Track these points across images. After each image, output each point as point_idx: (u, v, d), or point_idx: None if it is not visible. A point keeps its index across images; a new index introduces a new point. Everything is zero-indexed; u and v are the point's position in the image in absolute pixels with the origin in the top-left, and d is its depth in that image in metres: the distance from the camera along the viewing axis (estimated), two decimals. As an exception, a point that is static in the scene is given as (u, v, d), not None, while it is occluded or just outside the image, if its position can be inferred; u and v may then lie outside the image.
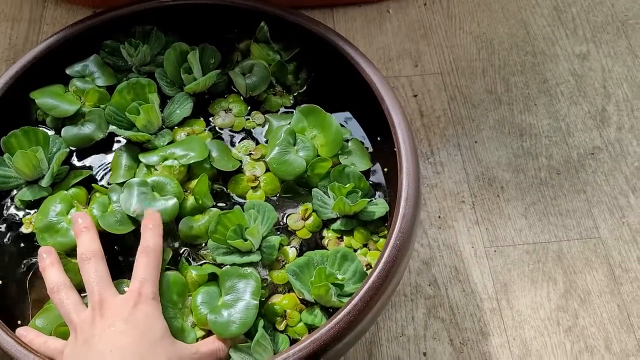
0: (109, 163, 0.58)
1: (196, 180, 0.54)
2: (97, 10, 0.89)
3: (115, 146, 0.60)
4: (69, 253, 0.51)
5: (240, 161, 0.58)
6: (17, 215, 0.55)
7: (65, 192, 0.54)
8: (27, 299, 0.51)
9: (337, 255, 0.52)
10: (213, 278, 0.51)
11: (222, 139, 0.60)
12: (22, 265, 0.53)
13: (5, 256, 0.54)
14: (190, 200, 0.53)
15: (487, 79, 0.84)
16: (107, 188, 0.55)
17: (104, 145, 0.59)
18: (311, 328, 0.51)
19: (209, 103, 0.62)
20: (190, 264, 0.53)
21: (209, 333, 0.49)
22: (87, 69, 0.61)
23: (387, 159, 0.59)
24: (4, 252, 0.54)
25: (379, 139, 0.60)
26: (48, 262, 0.48)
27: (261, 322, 0.48)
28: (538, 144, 0.78)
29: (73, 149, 0.59)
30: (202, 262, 0.53)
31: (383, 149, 0.60)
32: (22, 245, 0.54)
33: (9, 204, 0.56)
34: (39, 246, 0.51)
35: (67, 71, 0.61)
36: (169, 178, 0.53)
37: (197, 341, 0.48)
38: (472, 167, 0.77)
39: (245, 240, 0.50)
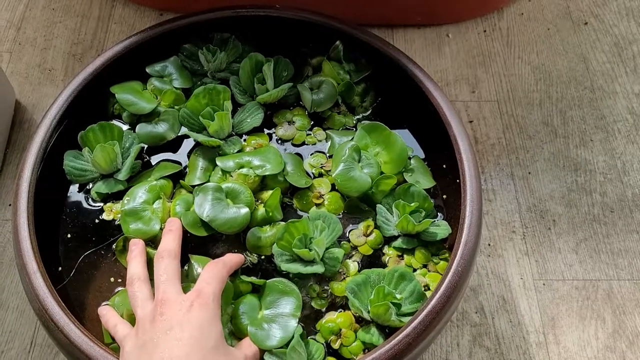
0: (176, 162, 0.60)
1: (269, 192, 0.55)
2: (163, 12, 0.91)
3: (183, 147, 0.61)
4: (146, 242, 0.53)
5: (311, 176, 0.59)
6: (94, 206, 0.57)
7: (155, 181, 0.56)
8: (74, 263, 0.55)
9: (394, 274, 0.53)
10: (255, 290, 0.52)
11: (300, 156, 0.61)
12: (91, 243, 0.56)
13: (80, 232, 0.56)
14: (261, 211, 0.54)
15: (544, 111, 0.84)
16: (192, 187, 0.56)
17: (173, 145, 0.61)
18: (367, 347, 0.51)
19: (274, 114, 0.63)
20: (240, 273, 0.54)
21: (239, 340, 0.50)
22: (166, 70, 0.63)
23: (448, 184, 0.60)
24: (82, 230, 0.57)
25: (444, 166, 0.60)
26: (133, 255, 0.50)
27: (298, 330, 0.49)
28: (592, 180, 0.78)
29: (144, 145, 0.60)
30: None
31: (446, 175, 0.60)
32: (96, 221, 0.57)
33: (85, 197, 0.57)
34: (113, 230, 0.54)
35: (147, 70, 0.63)
36: (243, 186, 0.54)
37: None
38: (525, 197, 0.77)
39: (310, 250, 0.51)
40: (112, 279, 0.54)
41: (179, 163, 0.59)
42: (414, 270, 0.55)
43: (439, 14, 0.92)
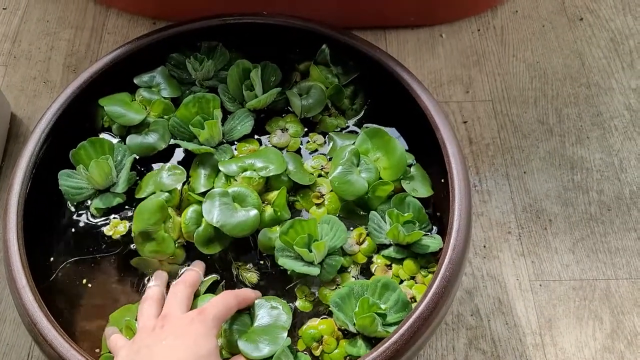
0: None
1: (275, 193, 0.55)
2: (156, 21, 0.92)
3: (175, 157, 0.61)
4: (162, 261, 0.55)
5: (313, 175, 0.59)
6: (94, 222, 0.57)
7: (162, 195, 0.55)
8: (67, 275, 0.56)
9: (377, 284, 0.52)
10: (245, 309, 0.52)
11: (300, 154, 0.61)
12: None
13: (73, 245, 0.57)
14: (269, 212, 0.55)
15: (539, 109, 0.83)
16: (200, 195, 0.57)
17: (165, 155, 0.61)
18: (353, 359, 0.51)
19: (265, 120, 0.63)
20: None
21: (231, 356, 0.50)
22: (153, 80, 0.63)
23: (445, 197, 0.59)
24: (75, 243, 0.57)
25: (442, 180, 0.58)
26: (155, 282, 0.53)
27: (287, 341, 0.49)
28: (589, 178, 0.77)
29: (136, 156, 0.60)
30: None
31: (442, 189, 0.59)
32: (91, 234, 0.57)
33: (83, 214, 0.58)
34: (107, 242, 0.56)
35: (135, 81, 0.63)
36: (249, 189, 0.54)
37: None
38: (520, 197, 0.76)
39: (310, 251, 0.51)
40: (104, 290, 0.54)
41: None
42: (401, 281, 0.54)
43: (432, 14, 0.91)
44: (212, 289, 0.54)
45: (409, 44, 0.90)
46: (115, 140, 0.62)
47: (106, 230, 0.56)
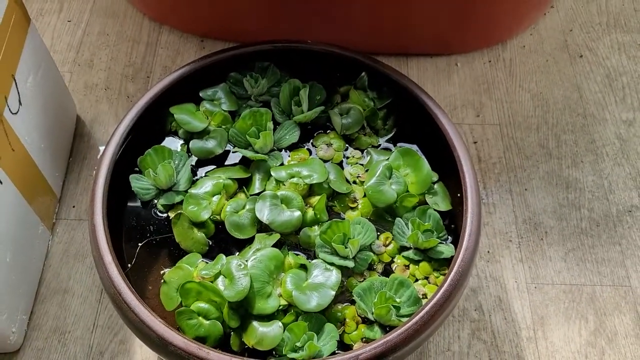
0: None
1: (317, 198, 0.66)
2: (204, 39, 1.03)
3: (228, 161, 0.72)
4: (194, 223, 0.65)
5: (350, 183, 0.69)
6: (161, 216, 0.68)
7: (222, 180, 0.67)
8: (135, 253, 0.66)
9: (394, 281, 0.62)
10: (303, 267, 0.63)
11: (341, 166, 0.72)
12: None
13: (142, 229, 0.68)
14: (310, 214, 0.65)
15: (541, 134, 0.94)
16: (251, 195, 0.67)
17: (220, 159, 0.72)
18: (368, 341, 0.61)
19: (310, 132, 0.74)
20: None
21: (288, 306, 0.60)
22: (216, 94, 0.74)
23: (456, 208, 0.69)
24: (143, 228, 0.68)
25: (458, 195, 0.68)
26: None
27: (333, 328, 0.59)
28: (582, 197, 0.88)
29: (192, 161, 0.71)
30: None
31: (455, 199, 0.69)
32: (157, 221, 0.68)
33: (151, 210, 0.68)
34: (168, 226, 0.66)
35: (201, 94, 0.74)
36: (295, 193, 0.65)
37: (279, 307, 0.59)
38: (521, 211, 0.87)
39: (346, 247, 0.62)
40: (166, 266, 0.64)
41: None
42: (416, 280, 0.64)
43: (449, 45, 1.03)
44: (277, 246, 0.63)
45: (428, 71, 1.01)
46: (179, 143, 0.72)
47: (171, 212, 0.67)
